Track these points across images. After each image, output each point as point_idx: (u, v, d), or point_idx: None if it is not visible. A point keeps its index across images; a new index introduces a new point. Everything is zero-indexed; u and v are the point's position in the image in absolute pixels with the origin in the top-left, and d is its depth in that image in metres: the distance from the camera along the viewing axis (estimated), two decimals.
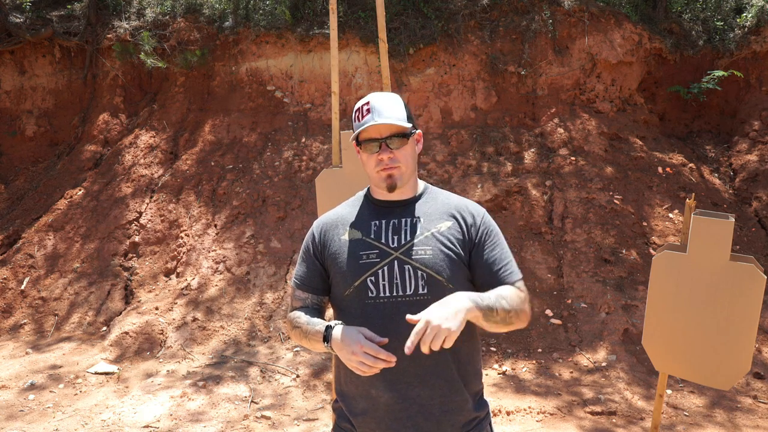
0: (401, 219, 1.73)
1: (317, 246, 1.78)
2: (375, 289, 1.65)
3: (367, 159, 1.72)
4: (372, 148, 1.69)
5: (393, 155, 1.69)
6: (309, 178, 6.83)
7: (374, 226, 1.73)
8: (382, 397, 1.66)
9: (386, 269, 1.66)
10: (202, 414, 4.32)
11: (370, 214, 1.77)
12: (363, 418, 1.70)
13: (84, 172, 7.54)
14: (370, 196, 1.82)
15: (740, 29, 7.24)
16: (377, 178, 1.72)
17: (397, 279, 1.65)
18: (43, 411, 4.40)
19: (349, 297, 1.68)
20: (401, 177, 1.71)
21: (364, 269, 1.67)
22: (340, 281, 1.71)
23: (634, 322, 5.11)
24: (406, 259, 1.66)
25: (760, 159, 6.63)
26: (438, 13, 7.26)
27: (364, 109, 1.70)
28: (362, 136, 1.70)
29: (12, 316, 6.08)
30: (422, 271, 1.64)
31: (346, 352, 1.54)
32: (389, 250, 1.68)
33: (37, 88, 8.43)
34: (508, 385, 4.65)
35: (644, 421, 4.09)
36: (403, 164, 1.70)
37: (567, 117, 6.91)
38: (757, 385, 4.56)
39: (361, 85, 7.39)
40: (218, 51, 7.79)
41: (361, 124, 1.70)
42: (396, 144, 1.69)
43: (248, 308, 5.74)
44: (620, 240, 5.80)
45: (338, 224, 1.78)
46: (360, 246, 1.70)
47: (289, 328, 1.79)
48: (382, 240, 1.70)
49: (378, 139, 1.68)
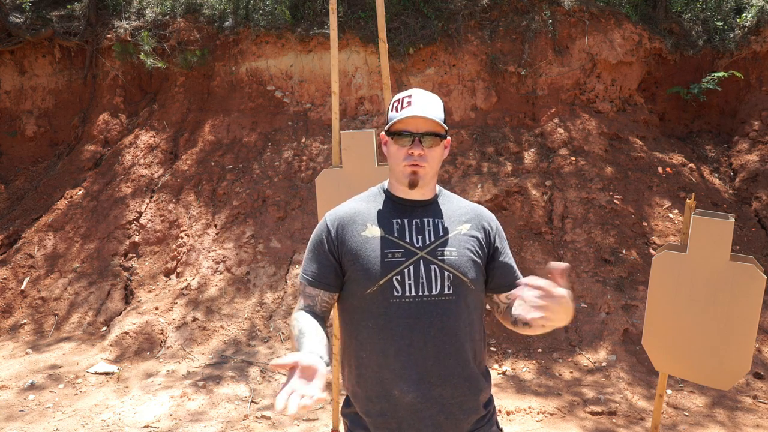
0: (423, 219, 1.73)
1: (333, 241, 1.72)
2: (401, 288, 1.64)
3: (396, 151, 1.68)
4: (405, 141, 1.66)
5: (424, 153, 1.66)
6: (309, 178, 6.82)
7: (396, 224, 1.71)
8: (405, 397, 1.63)
9: (412, 268, 1.65)
10: (202, 414, 4.32)
11: (390, 211, 1.74)
12: (382, 419, 1.67)
13: (84, 172, 7.54)
14: (389, 192, 1.79)
15: (740, 29, 7.24)
16: (401, 172, 1.69)
17: (423, 278, 1.64)
18: (43, 411, 4.40)
19: (372, 295, 1.65)
20: (425, 176, 1.69)
21: (389, 268, 1.65)
22: (361, 279, 1.67)
23: (634, 322, 5.11)
24: (432, 259, 1.66)
25: (760, 159, 6.63)
26: (438, 13, 7.26)
27: (405, 101, 1.68)
28: (397, 127, 1.67)
29: (12, 316, 6.08)
30: (449, 272, 1.65)
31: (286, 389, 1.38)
32: (414, 250, 1.67)
33: (37, 88, 8.43)
34: (509, 385, 4.65)
35: (645, 421, 4.09)
36: (429, 165, 1.69)
37: (567, 117, 6.90)
38: (758, 384, 4.56)
39: (361, 85, 7.39)
40: (218, 51, 7.78)
41: (400, 114, 1.67)
42: (429, 142, 1.67)
43: (248, 308, 5.74)
44: (620, 240, 5.80)
45: (356, 219, 1.73)
46: (384, 244, 1.68)
47: (290, 331, 1.79)
48: (407, 239, 1.69)
49: (413, 133, 1.66)
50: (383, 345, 1.64)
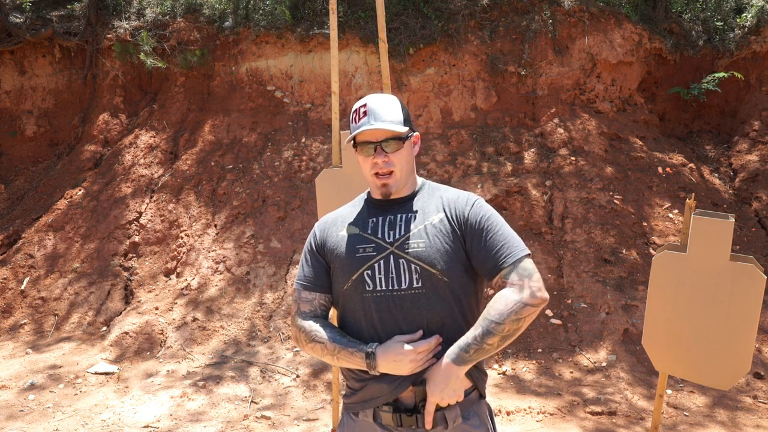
0: (397, 215, 1.76)
1: (318, 243, 1.81)
2: (372, 283, 1.68)
3: (363, 161, 1.76)
4: (367, 150, 1.72)
5: (388, 159, 1.71)
6: (309, 178, 6.82)
7: (371, 222, 1.77)
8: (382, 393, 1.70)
9: (382, 263, 1.68)
10: (202, 414, 4.32)
11: (369, 212, 1.81)
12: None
13: (84, 172, 7.54)
14: (369, 195, 1.87)
15: (740, 29, 7.24)
16: (373, 183, 1.76)
17: (393, 273, 1.67)
18: (43, 411, 4.40)
19: (348, 291, 1.71)
20: (396, 184, 1.74)
21: (360, 263, 1.70)
22: (339, 275, 1.74)
23: (634, 322, 5.11)
24: (401, 253, 1.68)
25: (760, 159, 6.63)
26: (438, 13, 7.26)
27: (361, 111, 1.73)
28: (358, 138, 1.73)
29: (12, 316, 6.08)
30: (416, 265, 1.66)
31: (399, 364, 1.61)
32: (385, 245, 1.71)
33: (37, 88, 8.43)
34: (509, 385, 4.65)
35: (645, 421, 4.09)
36: (398, 169, 1.73)
37: (567, 117, 6.90)
38: (758, 384, 4.56)
39: (361, 85, 7.39)
40: (218, 51, 7.78)
41: (357, 126, 1.73)
42: (391, 147, 1.71)
43: (248, 308, 5.74)
44: (620, 240, 5.80)
45: (337, 222, 1.83)
46: (357, 240, 1.74)
47: (303, 339, 1.74)
48: (378, 235, 1.73)
49: (373, 142, 1.71)
50: (361, 338, 1.70)
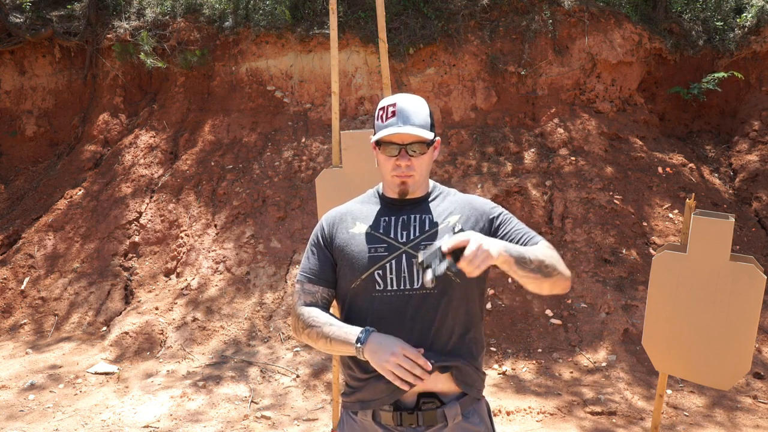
0: (410, 215, 1.75)
1: (326, 237, 1.78)
2: (382, 282, 1.66)
3: (384, 161, 1.72)
4: (391, 151, 1.69)
5: (411, 163, 1.69)
6: (309, 178, 6.82)
7: (383, 221, 1.75)
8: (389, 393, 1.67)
9: (394, 263, 1.67)
10: (201, 414, 4.32)
11: (381, 210, 1.78)
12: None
13: (84, 172, 7.54)
14: (381, 193, 1.84)
15: (740, 29, 7.24)
16: (390, 181, 1.74)
17: (405, 273, 1.66)
18: (43, 411, 4.40)
19: (356, 289, 1.69)
20: (414, 185, 1.73)
21: (372, 262, 1.67)
22: (347, 273, 1.71)
23: (634, 322, 5.11)
24: (414, 254, 1.67)
25: (760, 159, 6.63)
26: (438, 13, 7.26)
27: (389, 110, 1.69)
28: (383, 138, 1.69)
29: (12, 316, 6.08)
30: None
31: (384, 353, 1.54)
32: (398, 245, 1.69)
33: (37, 88, 8.42)
34: (508, 385, 4.65)
35: (644, 421, 4.09)
36: (418, 172, 1.71)
37: (567, 117, 6.90)
38: (757, 384, 4.56)
39: (361, 85, 7.39)
40: (218, 51, 7.78)
41: (384, 126, 1.69)
42: (416, 152, 1.69)
43: (248, 308, 5.74)
44: (620, 240, 5.80)
45: (347, 217, 1.79)
46: (368, 239, 1.71)
47: (301, 326, 1.72)
48: (391, 234, 1.71)
49: (399, 144, 1.68)
50: None
